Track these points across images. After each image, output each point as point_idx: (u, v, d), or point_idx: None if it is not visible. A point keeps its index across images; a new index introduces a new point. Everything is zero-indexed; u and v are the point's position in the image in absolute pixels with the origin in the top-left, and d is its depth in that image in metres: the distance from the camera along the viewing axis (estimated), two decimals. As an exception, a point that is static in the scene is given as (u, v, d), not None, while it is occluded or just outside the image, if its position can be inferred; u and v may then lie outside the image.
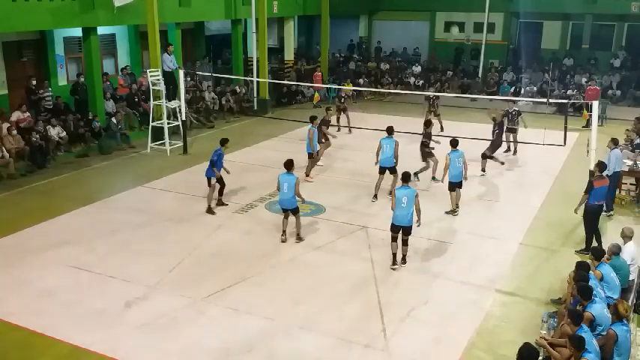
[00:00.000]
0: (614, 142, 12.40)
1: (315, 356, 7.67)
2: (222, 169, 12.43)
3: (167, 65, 18.28)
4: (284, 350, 7.79)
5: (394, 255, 10.00)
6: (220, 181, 12.51)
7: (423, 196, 13.29)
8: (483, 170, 15.06)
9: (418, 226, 9.98)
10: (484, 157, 15.04)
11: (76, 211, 12.39)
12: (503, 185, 14.35)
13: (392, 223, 9.90)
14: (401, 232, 9.89)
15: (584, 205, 10.68)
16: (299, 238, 11.05)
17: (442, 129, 18.81)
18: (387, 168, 13.10)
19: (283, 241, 10.95)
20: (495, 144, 15.17)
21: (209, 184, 12.35)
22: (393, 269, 9.92)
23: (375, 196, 13.20)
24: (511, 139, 16.68)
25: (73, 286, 9.34)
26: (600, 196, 10.73)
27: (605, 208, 11.68)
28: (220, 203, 12.68)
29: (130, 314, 8.58)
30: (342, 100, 20.18)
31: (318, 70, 25.77)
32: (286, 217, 11.02)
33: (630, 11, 26.04)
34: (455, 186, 12.46)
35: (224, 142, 12.55)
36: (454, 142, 12.51)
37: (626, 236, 9.07)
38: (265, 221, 12.00)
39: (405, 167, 13.64)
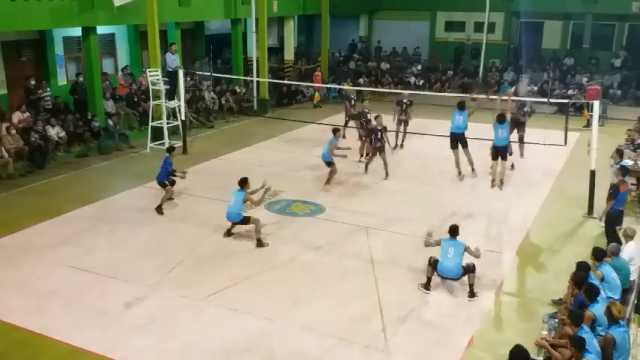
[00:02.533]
0: (619, 155, 12.31)
1: (315, 356, 7.66)
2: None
3: (169, 65, 18.27)
4: (284, 350, 7.77)
5: (429, 279, 9.20)
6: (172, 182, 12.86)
7: (422, 192, 13.47)
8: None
9: (478, 257, 9.15)
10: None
11: (76, 211, 12.37)
12: (503, 185, 14.32)
13: (439, 272, 9.09)
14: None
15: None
16: None
17: (402, 144, 17.12)
18: (457, 139, 13.19)
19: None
20: None
21: (164, 187, 12.59)
22: (427, 293, 9.17)
23: (460, 172, 13.46)
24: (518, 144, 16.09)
25: (73, 286, 9.32)
26: (623, 201, 10.68)
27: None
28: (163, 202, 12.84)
29: (130, 314, 8.56)
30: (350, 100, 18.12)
31: (318, 70, 25.75)
32: None
33: (631, 11, 26.00)
34: (498, 154, 12.89)
35: (171, 149, 13.28)
36: (501, 118, 13.26)
37: (628, 235, 9.05)
38: (265, 221, 11.97)
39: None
